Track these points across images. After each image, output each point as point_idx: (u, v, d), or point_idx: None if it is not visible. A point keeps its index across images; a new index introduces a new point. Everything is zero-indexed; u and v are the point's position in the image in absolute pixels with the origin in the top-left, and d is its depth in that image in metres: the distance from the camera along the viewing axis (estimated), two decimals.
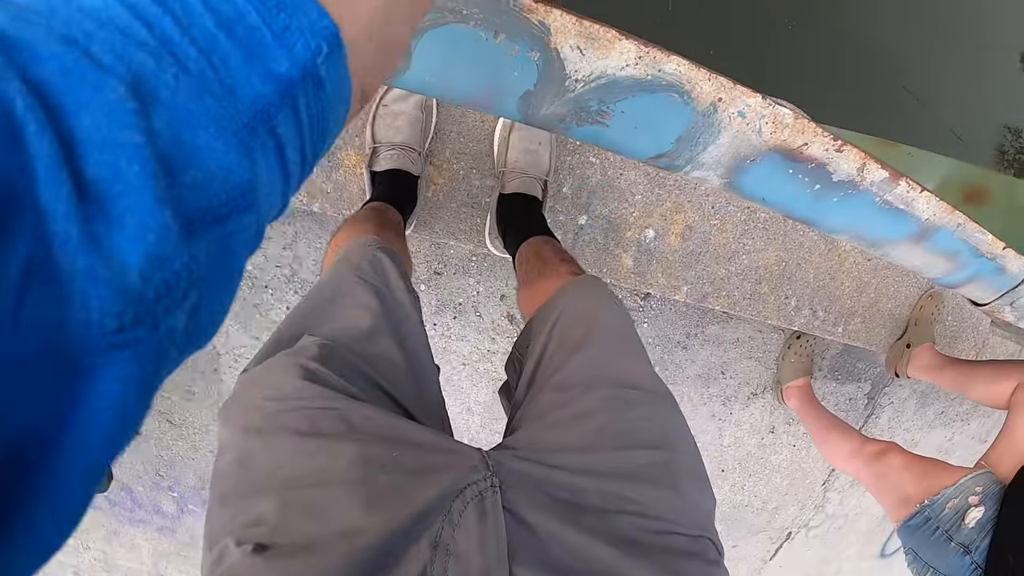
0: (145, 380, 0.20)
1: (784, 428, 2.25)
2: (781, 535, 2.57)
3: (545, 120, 0.63)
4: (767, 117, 0.66)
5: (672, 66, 0.59)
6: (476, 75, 0.58)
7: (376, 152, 1.35)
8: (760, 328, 2.01)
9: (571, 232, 1.59)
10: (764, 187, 0.74)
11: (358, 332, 0.74)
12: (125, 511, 2.34)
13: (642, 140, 0.67)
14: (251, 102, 0.24)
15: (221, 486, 0.60)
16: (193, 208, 0.21)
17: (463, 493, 0.57)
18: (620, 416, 0.69)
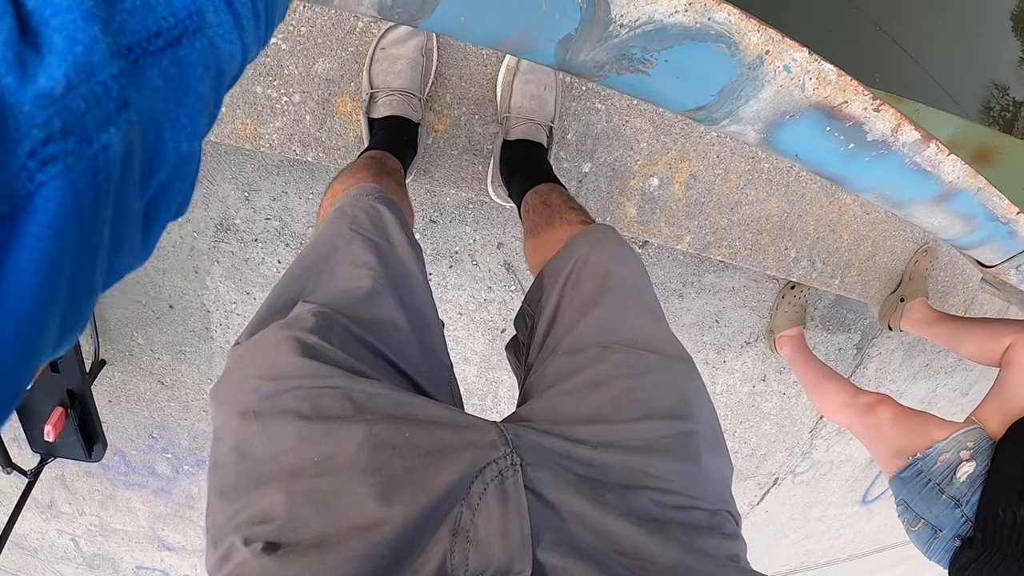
0: (82, 205, 0.19)
1: (775, 376, 2.28)
2: (768, 480, 2.64)
3: (583, 67, 0.59)
4: (812, 72, 0.63)
5: (723, 15, 0.56)
6: (514, 16, 0.54)
7: (374, 98, 1.29)
8: (755, 278, 2.01)
9: (575, 180, 1.56)
10: (800, 144, 0.72)
11: (357, 295, 0.69)
12: (119, 475, 2.33)
13: (683, 91, 0.63)
14: None
15: (221, 478, 0.56)
16: (137, 30, 0.21)
17: (482, 473, 0.54)
18: (637, 383, 0.66)
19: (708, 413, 0.70)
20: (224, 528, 0.52)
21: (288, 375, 0.58)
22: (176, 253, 1.76)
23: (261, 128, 1.35)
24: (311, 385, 0.57)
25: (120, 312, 1.90)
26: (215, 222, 1.69)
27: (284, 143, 1.37)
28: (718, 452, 0.67)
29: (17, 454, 1.79)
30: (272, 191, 1.63)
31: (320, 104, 1.35)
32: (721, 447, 0.69)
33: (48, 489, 2.40)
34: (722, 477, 0.66)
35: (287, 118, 1.35)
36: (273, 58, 1.31)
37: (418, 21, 0.55)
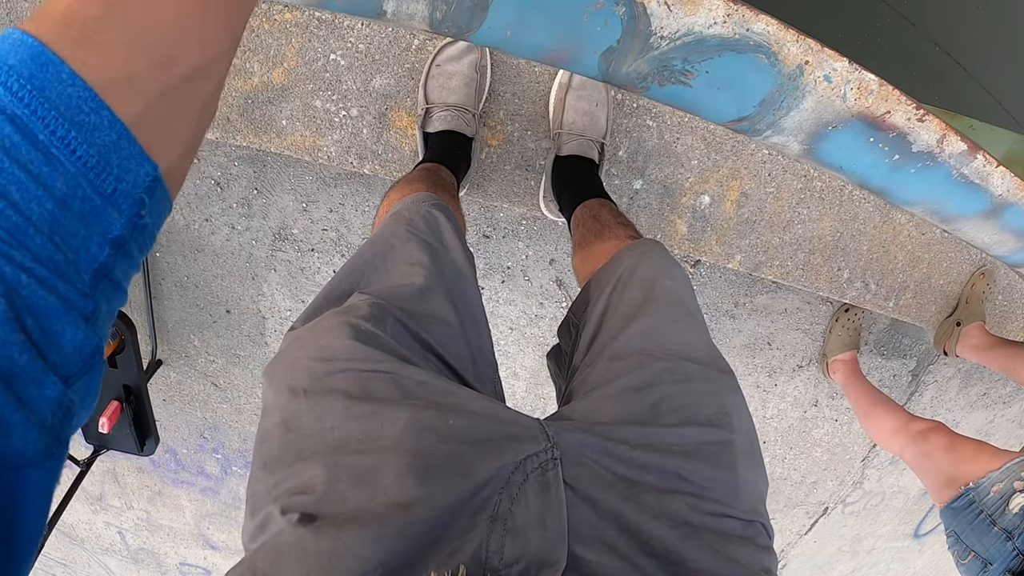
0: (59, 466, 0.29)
1: (827, 402, 2.22)
2: (818, 509, 2.56)
3: (626, 78, 0.61)
4: (853, 82, 0.63)
5: (761, 25, 0.57)
6: (557, 29, 0.56)
7: (429, 113, 1.32)
8: (809, 299, 1.97)
9: (626, 196, 1.56)
10: (844, 155, 0.72)
11: (411, 290, 0.71)
12: (169, 472, 2.42)
13: (724, 102, 0.64)
14: (93, 268, 0.29)
15: (265, 450, 0.58)
16: (64, 371, 0.29)
17: (523, 465, 0.54)
18: (678, 390, 0.67)
19: (747, 426, 0.69)
20: (264, 498, 0.54)
21: (340, 357, 0.60)
22: (234, 260, 1.83)
23: (320, 140, 1.41)
24: (362, 368, 0.59)
25: (178, 315, 1.98)
26: (273, 231, 1.76)
27: (341, 155, 1.42)
28: (755, 465, 0.67)
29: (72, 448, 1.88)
30: (330, 203, 1.69)
31: (377, 118, 1.40)
32: (758, 461, 0.68)
33: (99, 482, 2.49)
34: (757, 490, 0.66)
35: (345, 131, 1.41)
36: (332, 73, 1.36)
37: (467, 35, 0.58)
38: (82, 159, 0.28)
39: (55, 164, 0.27)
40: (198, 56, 0.33)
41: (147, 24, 0.30)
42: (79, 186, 0.28)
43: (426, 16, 0.56)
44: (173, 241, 1.85)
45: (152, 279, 1.91)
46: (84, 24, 0.29)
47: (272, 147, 1.41)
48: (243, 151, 1.63)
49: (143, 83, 0.30)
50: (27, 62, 0.27)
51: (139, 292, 1.91)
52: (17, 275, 0.26)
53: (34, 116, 0.27)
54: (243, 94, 1.39)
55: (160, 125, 0.31)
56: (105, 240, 0.29)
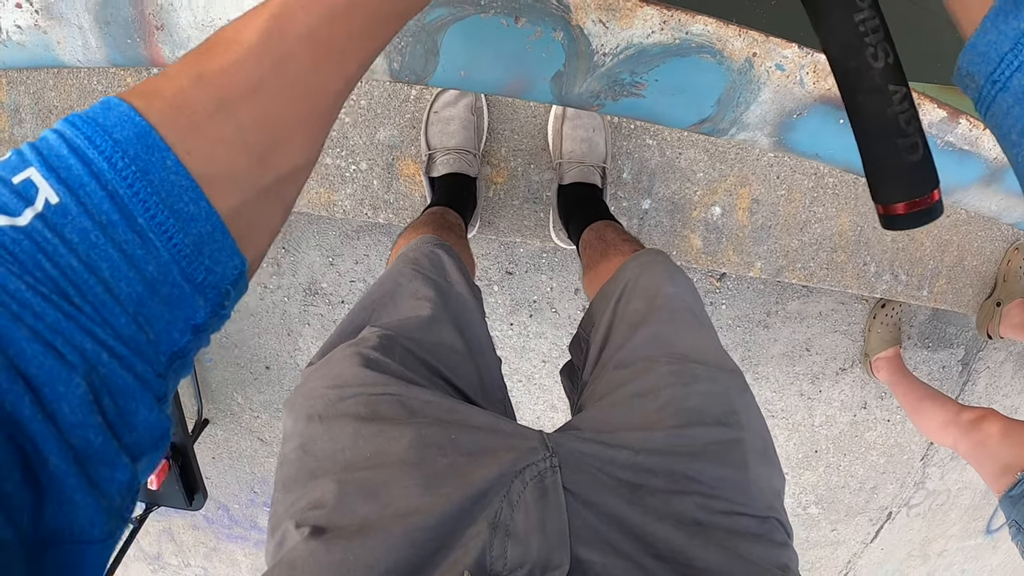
0: (118, 540, 0.30)
1: (877, 403, 2.16)
2: (881, 515, 2.47)
3: (580, 98, 0.64)
4: (807, 66, 0.64)
5: (699, 27, 0.59)
6: (504, 63, 0.59)
7: (432, 158, 1.38)
8: (843, 300, 1.94)
9: (636, 217, 1.58)
10: (816, 141, 0.72)
11: (418, 321, 0.75)
12: (223, 528, 2.47)
13: (681, 107, 0.66)
14: (172, 351, 0.30)
15: (284, 473, 0.61)
16: (135, 451, 0.29)
17: (522, 473, 0.56)
18: (684, 392, 0.67)
19: (757, 424, 0.69)
20: (281, 517, 0.57)
21: (352, 383, 0.64)
22: (270, 318, 1.90)
23: (334, 195, 1.47)
24: (371, 392, 0.63)
25: (221, 374, 2.06)
26: (303, 287, 1.83)
27: (356, 207, 1.48)
28: (768, 462, 0.66)
29: None
30: (354, 255, 1.75)
31: (385, 169, 1.46)
32: (771, 458, 0.68)
33: (155, 541, 2.55)
34: (772, 487, 0.65)
35: (356, 184, 1.47)
36: (339, 131, 1.43)
37: (425, 80, 0.62)
38: (177, 246, 0.29)
39: (150, 247, 0.28)
40: (292, 161, 0.34)
41: (255, 126, 0.32)
42: (170, 272, 0.29)
43: (386, 68, 0.60)
44: None
45: None
46: (194, 113, 0.29)
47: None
48: None
49: (242, 181, 0.31)
50: (133, 140, 0.28)
51: None
52: (99, 352, 0.27)
53: (136, 198, 0.27)
54: None
55: (252, 221, 0.33)
56: (188, 326, 0.30)
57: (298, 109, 0.34)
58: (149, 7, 0.60)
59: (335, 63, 0.35)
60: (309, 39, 0.33)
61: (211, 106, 0.30)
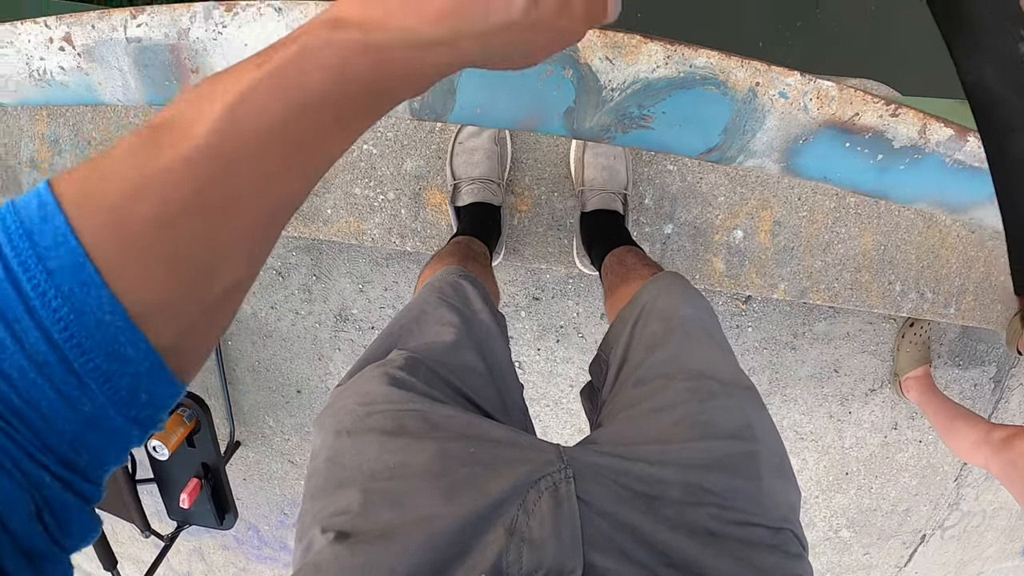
0: None
1: (908, 423, 2.13)
2: (915, 538, 2.41)
3: (591, 132, 0.67)
4: (810, 93, 0.67)
5: (702, 59, 0.62)
6: (518, 100, 0.63)
7: (457, 188, 1.43)
8: (870, 320, 1.93)
9: (658, 242, 1.60)
10: (824, 165, 0.74)
11: (442, 346, 0.79)
12: (253, 549, 2.51)
13: (689, 137, 0.69)
14: (109, 468, 0.32)
15: (313, 483, 0.64)
16: (71, 549, 0.31)
17: (537, 484, 0.58)
18: (700, 407, 0.69)
19: (772, 439, 0.70)
20: (309, 524, 0.60)
21: (378, 401, 0.67)
22: (301, 343, 1.95)
23: (363, 225, 1.52)
24: (396, 408, 0.66)
25: (253, 398, 2.12)
26: (334, 313, 1.88)
27: (384, 236, 1.53)
28: (783, 476, 0.68)
29: (157, 526, 1.99)
30: (384, 282, 1.80)
31: (412, 199, 1.51)
32: (787, 473, 0.69)
33: (186, 560, 2.61)
34: (787, 500, 0.66)
35: (385, 214, 1.52)
36: (367, 162, 1.48)
37: (443, 117, 0.66)
38: (113, 389, 0.28)
39: (86, 390, 0.28)
40: (237, 275, 0.32)
41: (198, 244, 0.29)
42: (105, 410, 0.29)
43: (406, 108, 0.65)
44: (243, 329, 2.00)
45: (226, 366, 2.06)
46: (133, 234, 0.27)
47: (321, 235, 1.53)
48: (299, 241, 1.77)
49: (181, 309, 0.30)
50: (67, 273, 0.27)
51: (214, 378, 2.06)
52: (41, 475, 0.28)
53: (70, 342, 0.27)
54: None
55: (190, 347, 0.32)
56: (122, 448, 0.31)
57: (247, 222, 0.31)
58: (184, 52, 0.65)
59: (297, 165, 0.32)
60: (269, 137, 0.30)
61: (150, 224, 0.28)
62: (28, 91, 0.70)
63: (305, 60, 0.31)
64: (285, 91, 0.30)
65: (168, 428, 1.78)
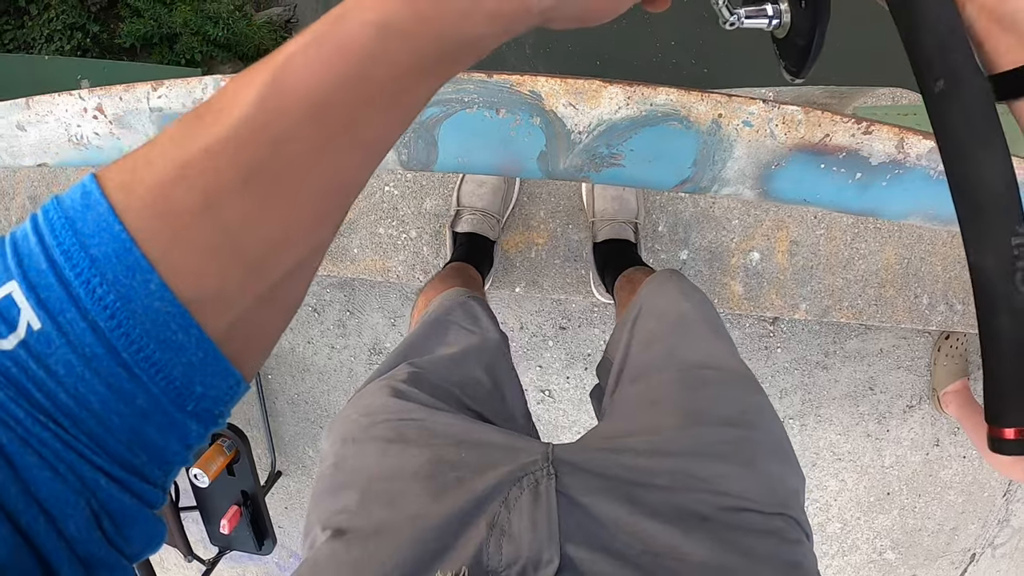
0: None
1: (950, 439, 2.07)
2: (964, 558, 2.32)
3: (566, 173, 0.72)
4: (775, 119, 0.69)
5: (662, 97, 0.66)
6: (493, 148, 0.69)
7: (459, 214, 1.49)
8: (904, 335, 1.90)
9: (675, 267, 1.62)
10: (800, 189, 0.75)
11: (449, 360, 0.84)
12: None
13: (660, 171, 0.73)
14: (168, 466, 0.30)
15: (319, 487, 0.69)
16: (134, 557, 0.31)
17: (520, 481, 0.61)
18: (692, 395, 0.71)
19: (769, 423, 0.71)
20: (312, 523, 0.65)
21: (380, 411, 0.72)
22: (337, 376, 2.03)
23: (388, 262, 1.59)
24: (398, 419, 0.70)
25: (293, 429, 2.20)
26: (368, 347, 1.95)
27: (408, 273, 1.60)
28: (781, 460, 0.67)
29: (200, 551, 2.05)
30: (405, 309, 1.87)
31: (433, 236, 1.58)
32: (786, 457, 0.68)
33: None
34: (785, 485, 0.65)
35: (408, 252, 1.59)
36: (389, 203, 1.56)
37: (429, 167, 0.72)
38: (166, 379, 0.27)
39: (138, 383, 0.26)
40: (294, 260, 0.30)
41: (248, 228, 0.27)
42: (160, 403, 0.27)
43: (396, 160, 0.71)
44: (282, 363, 2.08)
45: (267, 398, 2.15)
46: (178, 217, 0.26)
47: (349, 273, 1.60)
48: (332, 278, 1.85)
49: (235, 297, 0.28)
50: (112, 259, 0.25)
51: (255, 410, 2.15)
52: (96, 478, 0.26)
53: (118, 330, 0.25)
54: None
55: (248, 335, 0.30)
56: (181, 445, 0.29)
57: (302, 201, 0.29)
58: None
59: (350, 136, 0.29)
60: (314, 106, 0.27)
61: (196, 206, 0.26)
62: (68, 153, 0.79)
63: (345, 22, 0.28)
64: (328, 54, 0.27)
65: (209, 457, 1.86)
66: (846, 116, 0.70)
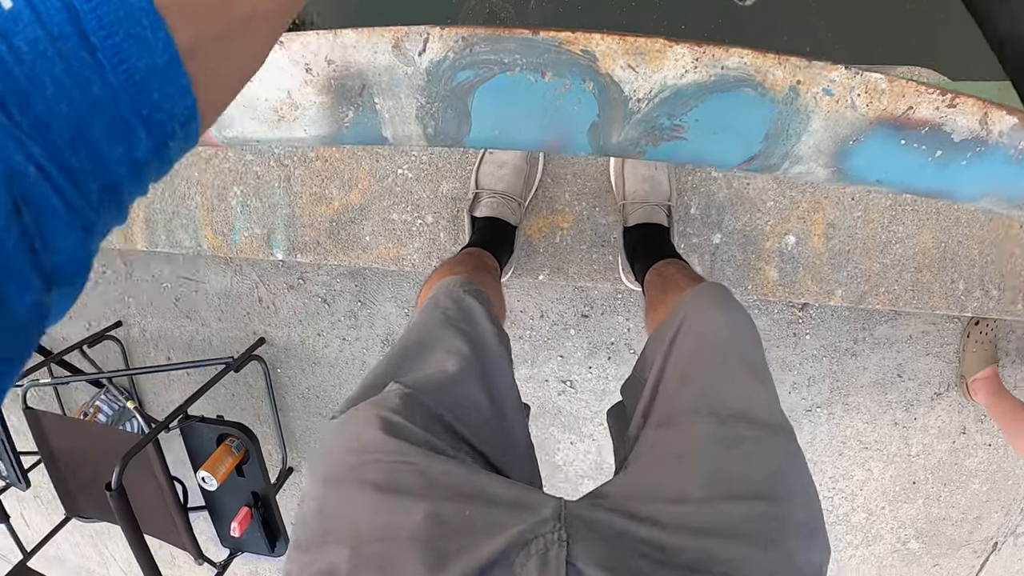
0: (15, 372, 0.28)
1: (976, 427, 2.01)
2: (986, 546, 2.28)
3: (620, 148, 0.63)
4: (858, 88, 0.60)
5: (735, 60, 0.57)
6: (537, 119, 0.60)
7: (478, 197, 1.40)
8: (933, 320, 1.83)
9: (707, 253, 1.55)
10: (877, 167, 0.68)
11: (443, 378, 0.75)
12: None
13: (727, 146, 0.64)
14: (106, 183, 0.28)
15: (301, 532, 0.62)
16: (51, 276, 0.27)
17: (528, 546, 0.56)
18: (724, 456, 0.65)
19: (803, 490, 0.66)
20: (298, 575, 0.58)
21: (371, 449, 0.64)
22: (349, 369, 1.96)
23: (402, 250, 1.51)
24: (390, 460, 0.63)
25: (303, 423, 2.14)
26: (381, 338, 1.88)
27: (424, 261, 1.52)
28: (809, 535, 0.64)
29: (212, 552, 2.02)
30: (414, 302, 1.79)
31: (451, 221, 1.49)
32: (814, 531, 0.65)
33: None
34: (811, 563, 0.62)
35: (424, 238, 1.50)
36: (403, 187, 1.48)
37: (460, 142, 0.63)
38: (128, 72, 0.27)
39: (99, 68, 0.26)
40: (255, 4, 0.32)
41: None
42: (116, 98, 0.27)
43: (421, 134, 0.62)
44: (291, 357, 2.02)
45: (276, 393, 2.09)
46: None
47: (360, 262, 1.53)
48: (343, 268, 1.77)
49: (203, 14, 0.29)
50: None
51: (265, 405, 2.10)
52: (26, 166, 0.25)
53: (92, 13, 0.25)
54: (327, 218, 1.54)
55: (209, 62, 0.30)
56: (126, 158, 0.28)
57: None
58: None
59: None
60: None
61: None
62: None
63: None
64: None
65: (217, 459, 1.81)
66: (931, 86, 0.62)
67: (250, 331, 2.07)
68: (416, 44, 0.58)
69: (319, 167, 1.54)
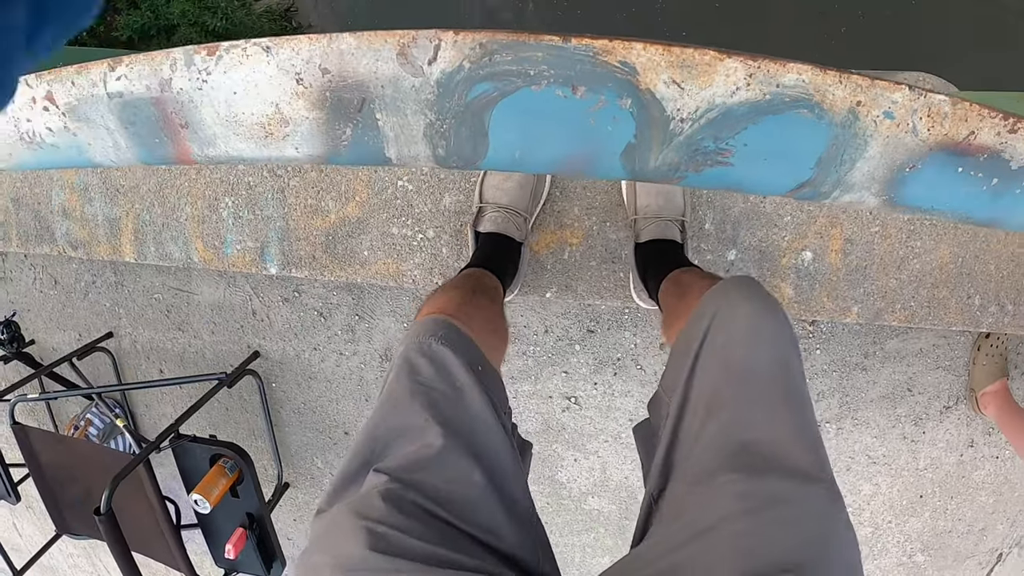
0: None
1: (984, 439, 1.99)
2: (991, 558, 2.27)
3: (657, 173, 0.57)
4: (920, 111, 0.55)
5: (792, 76, 0.51)
6: (565, 140, 0.53)
7: (481, 212, 1.32)
8: (944, 334, 1.80)
9: (722, 269, 1.50)
10: (931, 196, 0.62)
11: (428, 455, 0.69)
12: None
13: (776, 172, 0.58)
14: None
15: None
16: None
17: None
18: (750, 525, 0.58)
19: (836, 557, 0.59)
20: None
21: (359, 568, 0.59)
22: (346, 384, 1.90)
23: (402, 266, 1.45)
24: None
25: (300, 439, 2.09)
26: (379, 353, 1.82)
27: (425, 277, 1.45)
28: None
29: (208, 570, 1.98)
30: None
31: (453, 236, 1.43)
32: None
33: None
34: None
35: (425, 253, 1.44)
36: (403, 199, 1.41)
37: (475, 164, 0.56)
38: None
39: None
40: None
41: None
42: None
43: (429, 155, 0.56)
44: (286, 371, 1.96)
45: (271, 408, 2.04)
46: None
47: (358, 278, 1.46)
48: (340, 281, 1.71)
49: None
50: None
51: (260, 420, 2.04)
52: None
53: None
54: (323, 232, 1.47)
55: None
56: None
57: None
58: (170, 106, 0.57)
59: None
60: None
61: None
62: (22, 155, 0.65)
63: None
64: None
65: (210, 481, 1.76)
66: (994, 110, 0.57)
67: (244, 344, 2.01)
68: (426, 51, 0.51)
69: (314, 178, 1.48)
